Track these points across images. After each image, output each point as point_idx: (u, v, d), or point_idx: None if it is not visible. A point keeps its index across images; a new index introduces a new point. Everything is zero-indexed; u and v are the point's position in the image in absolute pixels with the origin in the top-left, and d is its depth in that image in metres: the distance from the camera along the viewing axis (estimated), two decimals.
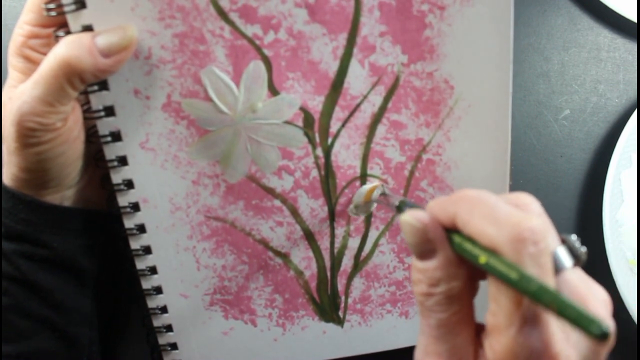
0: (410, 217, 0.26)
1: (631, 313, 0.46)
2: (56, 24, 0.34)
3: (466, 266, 0.26)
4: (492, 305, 0.24)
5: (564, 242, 0.25)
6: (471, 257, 0.24)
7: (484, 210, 0.24)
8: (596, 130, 0.48)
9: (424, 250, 0.26)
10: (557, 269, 0.24)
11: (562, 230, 0.48)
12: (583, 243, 0.25)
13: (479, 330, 0.26)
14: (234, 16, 0.34)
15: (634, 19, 0.46)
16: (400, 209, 0.31)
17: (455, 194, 0.26)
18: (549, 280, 0.23)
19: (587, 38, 0.48)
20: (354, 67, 0.36)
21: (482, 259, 0.24)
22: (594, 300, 0.24)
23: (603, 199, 0.46)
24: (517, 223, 0.23)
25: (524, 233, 0.22)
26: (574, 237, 0.25)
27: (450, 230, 0.26)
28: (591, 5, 0.48)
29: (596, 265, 0.48)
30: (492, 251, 0.23)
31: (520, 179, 0.48)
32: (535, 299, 0.22)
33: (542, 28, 0.48)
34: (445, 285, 0.25)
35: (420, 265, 0.26)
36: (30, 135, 0.33)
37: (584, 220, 0.48)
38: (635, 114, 0.46)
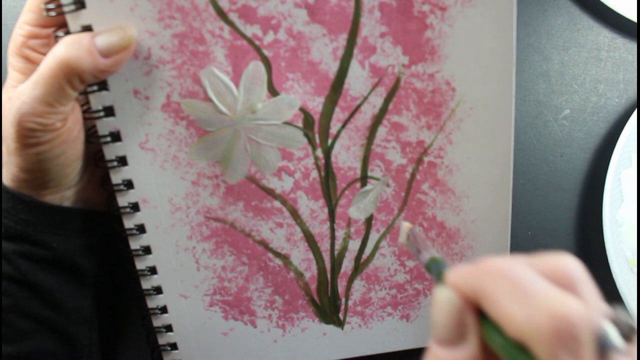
0: (450, 295, 0.22)
1: (631, 313, 0.46)
2: (56, 24, 0.34)
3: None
4: None
5: (610, 317, 0.21)
6: (500, 350, 0.21)
7: (513, 289, 0.20)
8: (596, 130, 0.48)
9: (454, 335, 0.22)
10: (603, 350, 0.20)
11: (562, 230, 0.48)
12: (583, 243, 0.24)
13: None
14: (233, 16, 0.34)
15: (634, 19, 0.46)
16: (429, 269, 0.27)
17: (479, 264, 0.22)
18: None
19: (587, 38, 0.48)
20: (354, 68, 0.36)
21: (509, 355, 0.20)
22: None
23: (603, 199, 0.46)
24: (553, 311, 0.19)
25: (561, 325, 0.19)
26: (622, 312, 0.21)
27: (483, 315, 0.22)
28: (591, 5, 0.48)
29: (596, 265, 0.48)
30: (519, 344, 0.20)
31: (520, 179, 0.48)
32: None
33: (542, 28, 0.48)
34: None
35: (441, 354, 0.22)
36: (29, 136, 0.33)
37: (584, 220, 0.48)
38: (635, 114, 0.46)
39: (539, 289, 0.20)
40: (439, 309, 0.22)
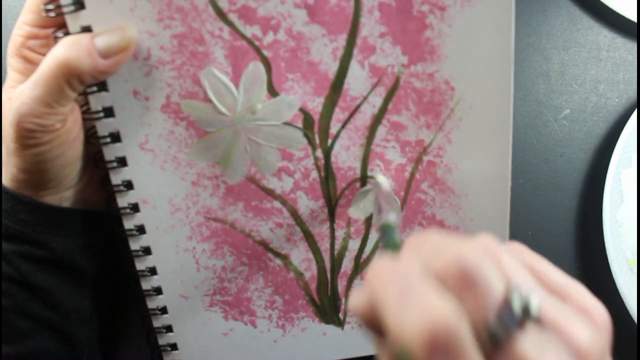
0: (354, 304, 0.24)
1: (631, 313, 0.46)
2: (55, 24, 0.34)
3: None
4: None
5: (500, 310, 0.21)
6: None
7: (395, 297, 0.21)
8: (596, 130, 0.48)
9: (376, 330, 0.23)
10: (494, 342, 0.21)
11: (562, 230, 0.48)
12: (583, 243, 0.24)
13: None
14: (233, 17, 0.34)
15: (634, 19, 0.46)
16: (383, 230, 0.28)
17: (376, 266, 0.23)
18: None
19: (587, 38, 0.48)
20: (354, 68, 0.36)
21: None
22: None
23: (603, 199, 0.46)
24: (422, 321, 0.20)
25: (429, 336, 0.19)
26: (516, 300, 0.21)
27: None
28: (591, 5, 0.48)
29: (596, 265, 0.48)
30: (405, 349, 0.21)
31: (520, 179, 0.48)
32: None
33: (542, 28, 0.48)
34: None
35: (377, 341, 0.24)
36: (29, 136, 0.33)
37: (584, 220, 0.48)
38: (635, 114, 0.46)
39: (416, 297, 0.21)
40: (355, 315, 0.24)
